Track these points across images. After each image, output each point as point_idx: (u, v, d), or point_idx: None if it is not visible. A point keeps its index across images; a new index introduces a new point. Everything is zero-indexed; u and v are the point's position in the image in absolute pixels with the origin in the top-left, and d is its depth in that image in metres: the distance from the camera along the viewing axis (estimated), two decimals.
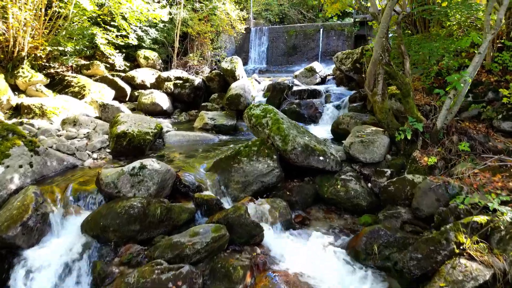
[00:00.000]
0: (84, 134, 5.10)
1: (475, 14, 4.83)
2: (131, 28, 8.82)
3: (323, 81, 9.01)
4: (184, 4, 11.03)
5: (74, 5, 7.38)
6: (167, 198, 3.57)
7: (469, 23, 5.31)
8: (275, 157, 4.04)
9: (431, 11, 4.52)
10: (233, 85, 7.40)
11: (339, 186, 3.80)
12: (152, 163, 3.31)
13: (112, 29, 8.47)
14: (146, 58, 9.76)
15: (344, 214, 3.81)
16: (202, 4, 11.24)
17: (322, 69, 9.22)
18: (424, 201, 3.05)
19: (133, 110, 8.16)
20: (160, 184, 3.36)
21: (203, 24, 11.17)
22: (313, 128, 6.66)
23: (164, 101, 7.92)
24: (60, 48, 7.28)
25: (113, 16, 8.21)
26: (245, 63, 15.41)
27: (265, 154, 4.09)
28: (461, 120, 4.43)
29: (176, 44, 10.60)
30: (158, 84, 8.42)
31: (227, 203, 3.68)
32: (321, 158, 3.98)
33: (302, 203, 3.92)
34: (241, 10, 12.74)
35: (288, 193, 3.98)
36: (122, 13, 8.09)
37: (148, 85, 8.97)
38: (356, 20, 13.60)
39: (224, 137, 6.09)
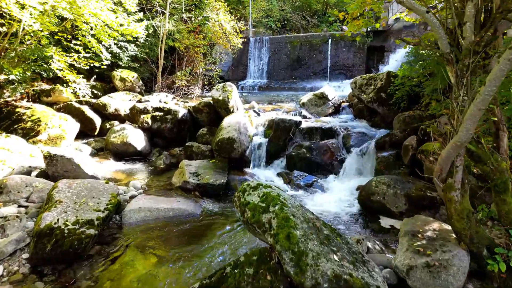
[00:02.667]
0: (0, 219, 3.48)
1: None
2: (102, 45, 7.19)
3: (337, 110, 7.37)
4: (171, 13, 9.40)
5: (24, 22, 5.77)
6: None
7: None
8: None
9: None
10: (225, 122, 5.76)
11: None
12: None
13: (77, 47, 6.85)
14: (122, 79, 8.14)
15: None
16: (191, 15, 9.58)
17: (335, 95, 7.58)
18: None
19: (100, 150, 6.55)
20: None
21: (193, 36, 9.53)
22: (331, 183, 5.03)
23: (138, 140, 6.29)
24: (2, 77, 5.65)
25: (76, 33, 6.59)
26: (243, 77, 13.79)
27: (266, 283, 2.48)
28: None
29: (161, 61, 8.97)
30: (133, 117, 6.80)
31: None
32: None
33: None
34: (239, 19, 11.08)
35: None
36: (87, 28, 6.47)
37: (123, 115, 7.36)
38: (369, 29, 11.98)
39: (210, 205, 4.44)
